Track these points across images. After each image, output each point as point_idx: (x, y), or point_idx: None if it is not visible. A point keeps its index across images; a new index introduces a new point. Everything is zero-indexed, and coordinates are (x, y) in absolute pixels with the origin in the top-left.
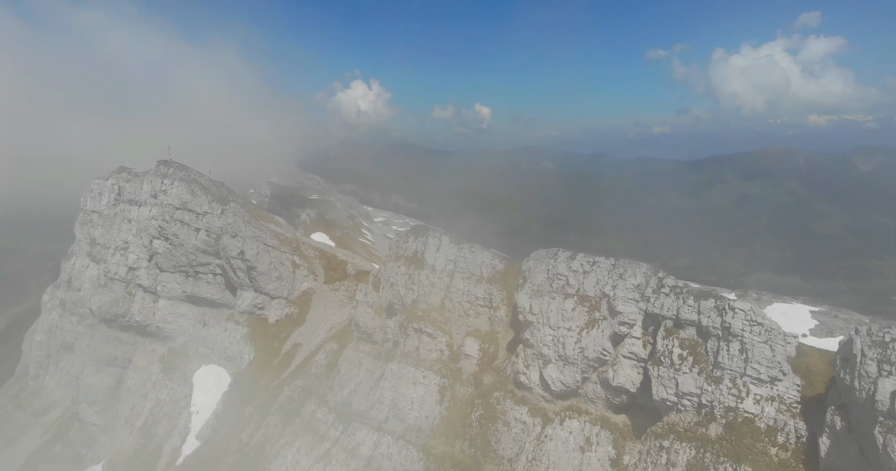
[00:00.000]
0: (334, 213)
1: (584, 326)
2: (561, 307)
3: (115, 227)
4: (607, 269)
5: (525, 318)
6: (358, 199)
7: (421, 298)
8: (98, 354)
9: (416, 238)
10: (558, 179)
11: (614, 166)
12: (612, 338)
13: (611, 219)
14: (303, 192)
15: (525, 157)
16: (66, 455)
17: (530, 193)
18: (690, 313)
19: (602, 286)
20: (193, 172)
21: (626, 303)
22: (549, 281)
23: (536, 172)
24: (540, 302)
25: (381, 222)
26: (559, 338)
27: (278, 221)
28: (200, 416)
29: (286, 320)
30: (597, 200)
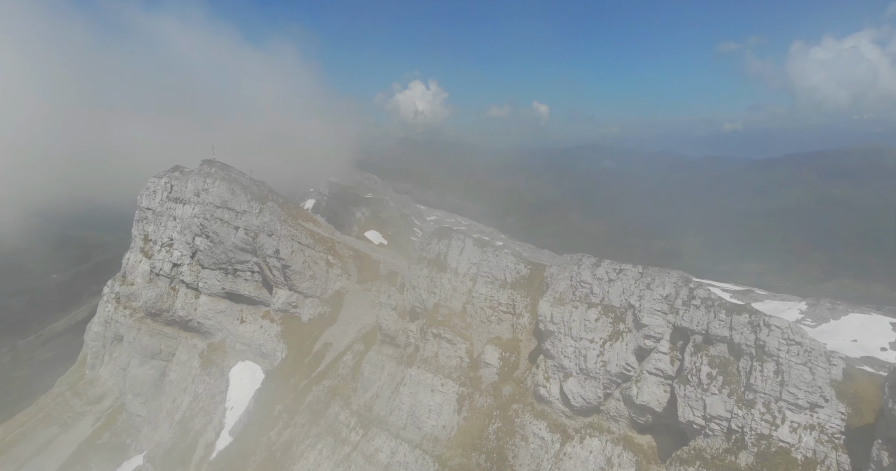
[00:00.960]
0: (387, 211)
1: (607, 338)
2: (584, 317)
3: (161, 224)
4: (634, 277)
5: (546, 327)
6: (412, 197)
7: (442, 302)
8: (143, 347)
9: (440, 240)
10: (619, 177)
11: (680, 165)
12: (637, 352)
13: (675, 220)
14: (359, 191)
15: (584, 155)
16: (113, 444)
17: (589, 193)
18: (721, 329)
19: (628, 296)
20: (234, 171)
21: (652, 315)
22: (572, 289)
23: (596, 171)
24: (562, 311)
25: (433, 221)
26: (581, 350)
27: (317, 219)
28: (234, 412)
29: (318, 319)
30: (661, 200)
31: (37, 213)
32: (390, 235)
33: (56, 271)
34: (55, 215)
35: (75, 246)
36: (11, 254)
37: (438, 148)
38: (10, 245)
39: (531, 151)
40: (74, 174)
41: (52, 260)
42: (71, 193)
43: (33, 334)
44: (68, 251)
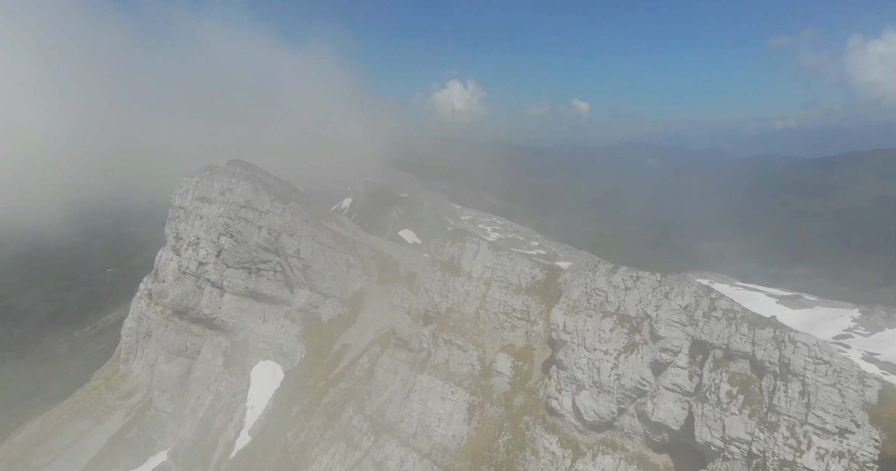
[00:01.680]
0: (422, 211)
1: (622, 349)
2: (598, 327)
3: (189, 222)
4: (652, 286)
5: (559, 336)
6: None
7: (455, 306)
8: (170, 344)
9: (454, 243)
10: (663, 176)
11: (728, 163)
12: (653, 366)
13: (722, 220)
14: (395, 190)
15: (626, 153)
16: (140, 439)
17: (630, 192)
18: (743, 343)
19: (644, 305)
20: (259, 171)
21: (669, 326)
22: (586, 296)
23: (638, 170)
24: (575, 320)
25: (467, 221)
26: (594, 362)
27: (341, 219)
28: (255, 411)
29: (338, 320)
30: (706, 200)
31: (95, 211)
32: (424, 235)
33: (111, 266)
34: (112, 212)
35: (130, 242)
36: (71, 249)
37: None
38: (70, 240)
39: (570, 149)
40: (130, 172)
41: (108, 255)
42: (127, 192)
43: (88, 326)
44: (123, 247)
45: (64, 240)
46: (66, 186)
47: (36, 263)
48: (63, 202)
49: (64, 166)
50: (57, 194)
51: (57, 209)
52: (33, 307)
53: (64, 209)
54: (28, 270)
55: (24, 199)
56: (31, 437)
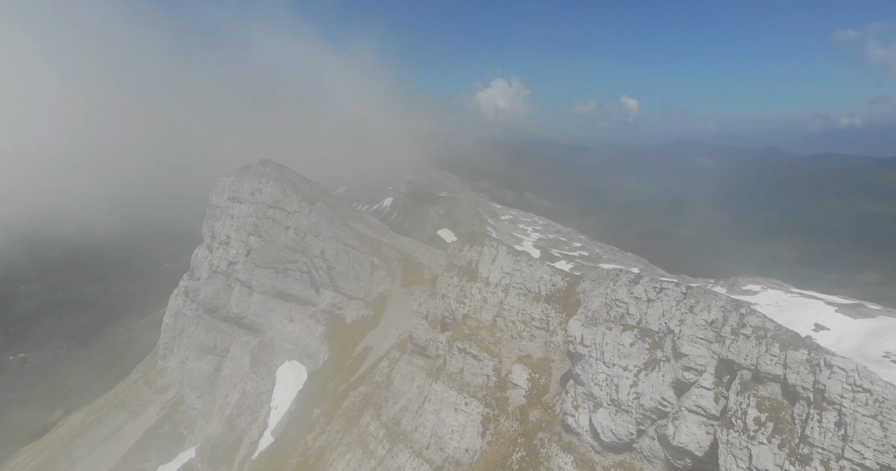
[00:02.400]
0: (461, 210)
1: (642, 366)
2: (617, 341)
3: (221, 221)
4: (676, 298)
5: (576, 349)
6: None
7: (471, 313)
8: (200, 341)
9: (472, 247)
10: (717, 176)
11: (788, 163)
12: (675, 385)
13: (780, 222)
14: (435, 189)
15: (677, 152)
16: (172, 435)
17: (681, 192)
18: (774, 366)
19: (668, 320)
20: (289, 171)
21: (693, 343)
22: (606, 308)
23: (690, 169)
24: (594, 332)
25: (507, 220)
26: (613, 378)
27: (369, 220)
28: (278, 411)
29: (361, 321)
30: (763, 201)
31: (157, 206)
32: (462, 234)
33: (168, 260)
34: (168, 209)
35: (187, 238)
36: (132, 243)
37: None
38: (131, 236)
39: (618, 147)
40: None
41: (167, 250)
42: (179, 189)
43: (146, 318)
44: (181, 242)
45: (124, 235)
46: (120, 183)
47: (98, 257)
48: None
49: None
50: (111, 191)
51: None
52: (96, 299)
53: (121, 206)
54: (90, 263)
55: (79, 197)
56: (74, 428)
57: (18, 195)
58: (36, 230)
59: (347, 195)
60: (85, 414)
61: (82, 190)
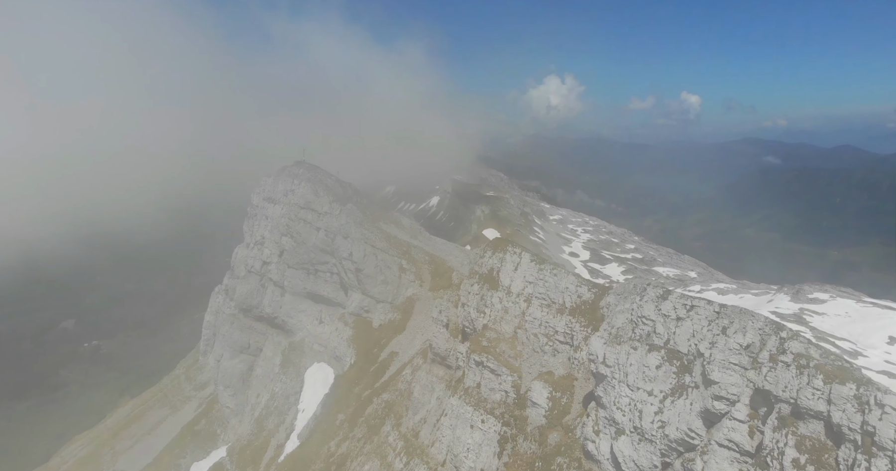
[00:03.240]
0: (507, 209)
1: (668, 392)
2: (643, 362)
3: (257, 221)
4: (707, 317)
5: (598, 369)
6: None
7: (491, 324)
8: (234, 340)
9: (494, 253)
10: (784, 175)
11: (865, 161)
12: (704, 415)
13: (855, 225)
14: (481, 188)
15: (742, 150)
16: (206, 432)
17: (745, 192)
18: (816, 401)
19: (698, 341)
20: (321, 172)
21: (725, 369)
22: (631, 325)
23: (756, 168)
24: (617, 351)
25: (556, 221)
26: (636, 403)
27: (401, 221)
28: (305, 414)
29: (388, 326)
30: (837, 202)
31: (217, 204)
32: (508, 234)
33: (229, 256)
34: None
35: None
36: (197, 239)
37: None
38: (195, 232)
39: (677, 145)
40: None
41: (230, 245)
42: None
43: (206, 310)
44: (241, 239)
45: (189, 231)
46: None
47: (165, 251)
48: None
49: (177, 164)
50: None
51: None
52: (163, 291)
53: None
54: (158, 257)
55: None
56: (120, 420)
57: (90, 192)
58: (110, 225)
59: (395, 194)
60: (131, 407)
61: (148, 188)
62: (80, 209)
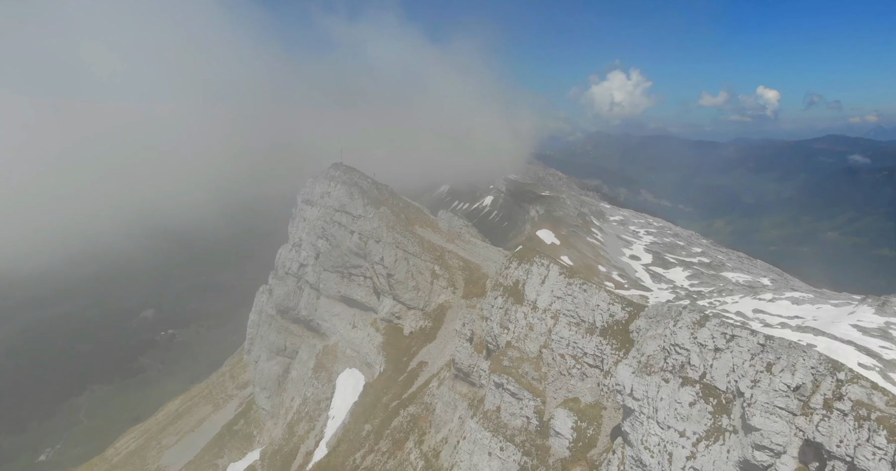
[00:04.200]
0: (563, 210)
1: (703, 435)
2: (675, 397)
3: (295, 224)
4: (750, 350)
5: (625, 401)
6: (600, 195)
7: (515, 341)
8: (271, 342)
9: (520, 265)
10: (874, 176)
11: None
12: (744, 466)
13: None
14: (536, 188)
15: (825, 148)
16: (244, 433)
17: (829, 192)
18: (877, 462)
19: (738, 377)
20: (357, 175)
21: (769, 414)
22: (663, 354)
23: (841, 167)
24: (646, 383)
25: (616, 222)
26: (666, 444)
27: (438, 225)
28: (335, 421)
29: (419, 334)
30: None
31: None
32: (563, 235)
33: None
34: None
35: None
36: (264, 236)
37: (635, 141)
38: (260, 229)
39: (753, 143)
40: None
41: None
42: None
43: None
44: None
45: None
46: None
47: (237, 246)
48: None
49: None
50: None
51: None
52: (233, 285)
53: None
54: (231, 252)
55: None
56: (170, 414)
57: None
58: (187, 221)
59: (449, 194)
60: (181, 401)
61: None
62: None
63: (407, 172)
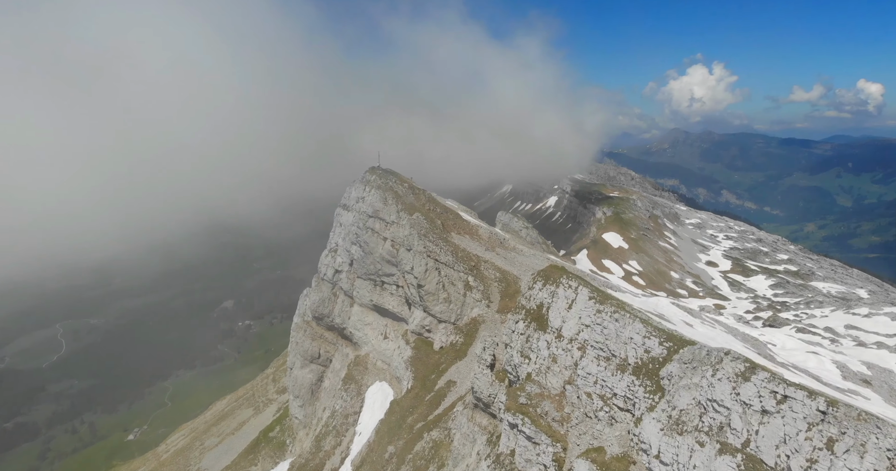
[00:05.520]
0: (633, 212)
1: None
2: (710, 466)
3: (332, 229)
4: (807, 418)
5: (650, 464)
6: (676, 196)
7: (535, 374)
8: (304, 349)
9: (544, 285)
10: None
11: None
12: None
13: None
14: (604, 188)
15: None
16: (278, 441)
17: None
18: None
19: (790, 452)
20: (393, 178)
21: None
22: (698, 410)
23: None
24: (676, 444)
25: (693, 225)
26: None
27: (479, 232)
28: (361, 438)
29: (449, 349)
30: None
31: None
32: (632, 239)
33: None
34: None
35: None
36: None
37: (717, 139)
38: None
39: (851, 141)
40: None
41: None
42: None
43: None
44: None
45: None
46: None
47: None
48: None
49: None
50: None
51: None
52: (307, 278)
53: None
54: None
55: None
56: (216, 414)
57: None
58: (265, 217)
59: (511, 194)
60: (227, 402)
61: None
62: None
63: (465, 172)
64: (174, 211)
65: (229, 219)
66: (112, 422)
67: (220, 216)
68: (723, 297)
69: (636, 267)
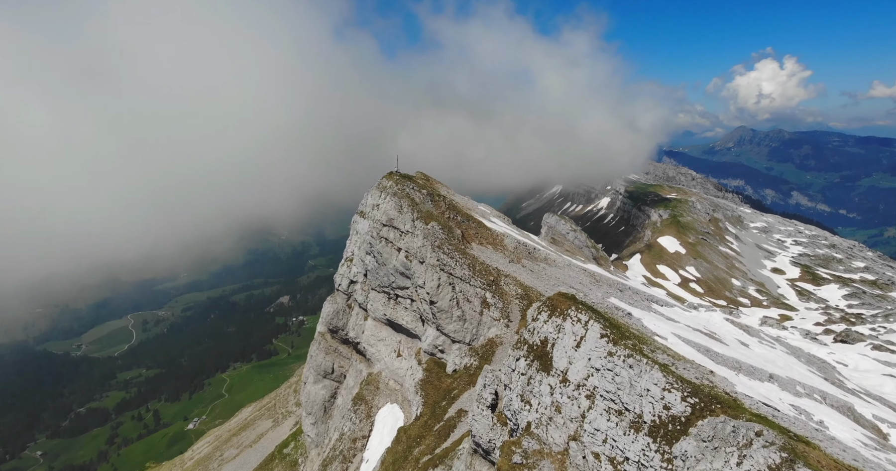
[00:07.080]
0: (691, 214)
1: None
2: None
3: (349, 237)
4: None
5: None
6: (741, 198)
7: (536, 426)
8: (318, 363)
9: (550, 317)
10: None
11: None
12: None
13: None
14: (660, 189)
15: None
16: (291, 459)
17: None
18: None
19: None
20: (411, 185)
21: None
22: None
23: None
24: None
25: (758, 229)
26: None
27: (503, 241)
28: (368, 466)
29: (463, 373)
30: None
31: None
32: (690, 244)
33: None
34: None
35: None
36: (334, 242)
37: (787, 137)
38: None
39: None
40: None
41: None
42: None
43: None
44: None
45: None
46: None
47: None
48: None
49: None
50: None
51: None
52: None
53: None
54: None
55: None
56: (240, 422)
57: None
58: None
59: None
60: (251, 409)
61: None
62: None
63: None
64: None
65: (284, 219)
66: (174, 410)
67: (274, 216)
68: (790, 307)
69: (694, 273)
